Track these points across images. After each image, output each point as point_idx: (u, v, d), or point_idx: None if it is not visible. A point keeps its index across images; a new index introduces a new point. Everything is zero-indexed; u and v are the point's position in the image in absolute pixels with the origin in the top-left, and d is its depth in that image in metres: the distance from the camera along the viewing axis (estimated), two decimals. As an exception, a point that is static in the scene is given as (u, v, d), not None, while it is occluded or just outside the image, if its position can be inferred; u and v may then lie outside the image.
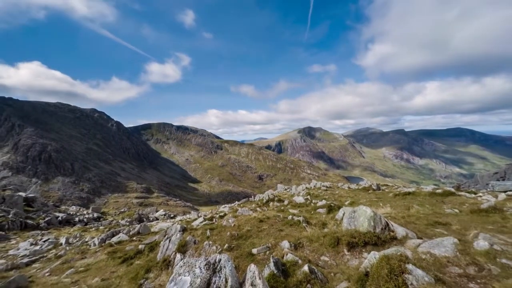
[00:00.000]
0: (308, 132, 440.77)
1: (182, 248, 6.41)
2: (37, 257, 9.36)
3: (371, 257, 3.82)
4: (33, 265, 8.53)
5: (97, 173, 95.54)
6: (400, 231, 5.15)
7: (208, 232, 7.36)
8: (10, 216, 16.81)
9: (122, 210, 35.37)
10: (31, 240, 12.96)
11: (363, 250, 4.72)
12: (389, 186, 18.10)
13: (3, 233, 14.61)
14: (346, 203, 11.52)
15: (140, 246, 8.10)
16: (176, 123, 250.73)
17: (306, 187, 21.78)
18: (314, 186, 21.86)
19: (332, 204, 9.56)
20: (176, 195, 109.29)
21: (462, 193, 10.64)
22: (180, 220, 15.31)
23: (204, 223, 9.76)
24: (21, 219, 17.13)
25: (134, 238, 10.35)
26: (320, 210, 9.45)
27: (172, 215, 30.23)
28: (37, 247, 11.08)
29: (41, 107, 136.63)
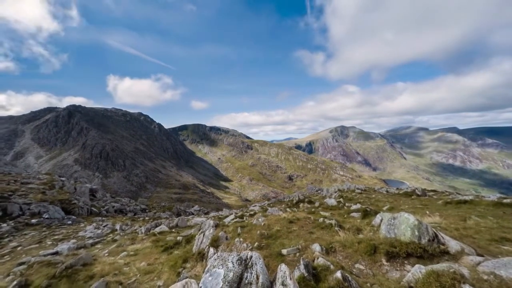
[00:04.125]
0: (341, 132, 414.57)
1: (215, 243, 6.80)
2: (99, 239, 11.13)
3: (416, 271, 3.43)
4: (96, 246, 10.17)
5: (143, 170, 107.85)
6: (453, 244, 4.49)
7: (239, 230, 7.64)
8: (80, 203, 20.37)
9: (163, 204, 39.19)
10: (94, 224, 15.47)
11: (405, 262, 4.27)
12: (437, 193, 15.81)
13: (75, 217, 17.79)
14: (384, 208, 10.52)
15: (178, 238, 8.89)
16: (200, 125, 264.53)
17: (339, 189, 20.62)
18: (348, 188, 20.55)
19: (368, 209, 8.86)
20: (209, 192, 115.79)
21: (543, 204, 8.64)
22: (213, 216, 16.23)
23: (235, 220, 10.15)
24: (87, 207, 20.57)
25: (173, 230, 11.40)
26: (354, 214, 8.87)
27: (206, 211, 32.16)
28: (99, 231, 13.16)
29: (101, 112, 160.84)
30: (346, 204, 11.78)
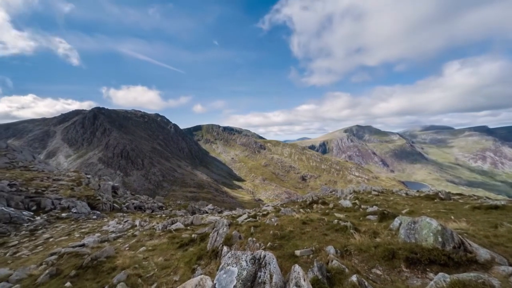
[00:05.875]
0: (356, 131, 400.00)
1: (228, 241, 6.91)
2: (120, 234, 11.79)
3: (440, 280, 3.23)
4: (118, 240, 10.77)
5: (160, 169, 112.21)
6: (482, 253, 4.17)
7: (252, 229, 7.69)
8: (103, 200, 21.73)
9: (179, 202, 40.50)
10: (116, 220, 16.42)
11: (428, 269, 4.03)
12: (464, 196, 14.66)
13: (99, 212, 19.02)
14: (403, 211, 10.00)
15: (193, 235, 9.13)
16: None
17: (354, 191, 19.93)
18: (364, 190, 19.79)
19: (385, 212, 8.49)
20: (222, 191, 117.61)
21: None
22: (227, 216, 16.46)
23: (248, 220, 10.22)
24: (110, 203, 21.89)
25: (188, 228, 11.73)
26: (370, 217, 8.54)
27: (219, 210, 32.70)
28: (120, 226, 13.94)
29: (122, 114, 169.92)
30: (362, 206, 11.36)
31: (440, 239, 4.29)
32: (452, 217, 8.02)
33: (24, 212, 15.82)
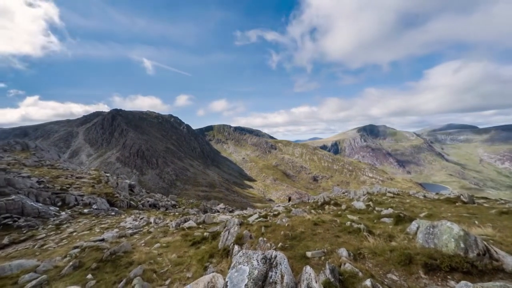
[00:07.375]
0: (370, 131, 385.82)
1: (239, 241, 6.98)
2: (136, 230, 12.31)
3: (462, 288, 3.07)
4: (134, 236, 11.25)
5: (173, 168, 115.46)
6: (510, 261, 3.89)
7: (262, 229, 7.72)
8: (121, 197, 22.80)
9: (191, 201, 41.46)
10: (133, 217, 17.16)
11: (448, 277, 3.83)
12: (490, 200, 13.62)
13: (117, 209, 19.96)
14: (421, 215, 9.51)
15: (205, 234, 9.32)
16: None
17: (368, 192, 19.26)
18: (378, 191, 19.05)
19: (401, 214, 8.14)
20: (233, 191, 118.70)
21: None
22: (238, 215, 16.61)
23: (259, 219, 10.25)
24: (127, 200, 22.92)
25: (200, 226, 11.96)
26: (385, 219, 8.23)
27: (230, 209, 33.05)
28: (137, 223, 14.55)
29: (138, 115, 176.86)
30: (376, 208, 10.96)
31: (462, 245, 4.05)
32: (476, 222, 7.52)
33: (51, 207, 17.00)
